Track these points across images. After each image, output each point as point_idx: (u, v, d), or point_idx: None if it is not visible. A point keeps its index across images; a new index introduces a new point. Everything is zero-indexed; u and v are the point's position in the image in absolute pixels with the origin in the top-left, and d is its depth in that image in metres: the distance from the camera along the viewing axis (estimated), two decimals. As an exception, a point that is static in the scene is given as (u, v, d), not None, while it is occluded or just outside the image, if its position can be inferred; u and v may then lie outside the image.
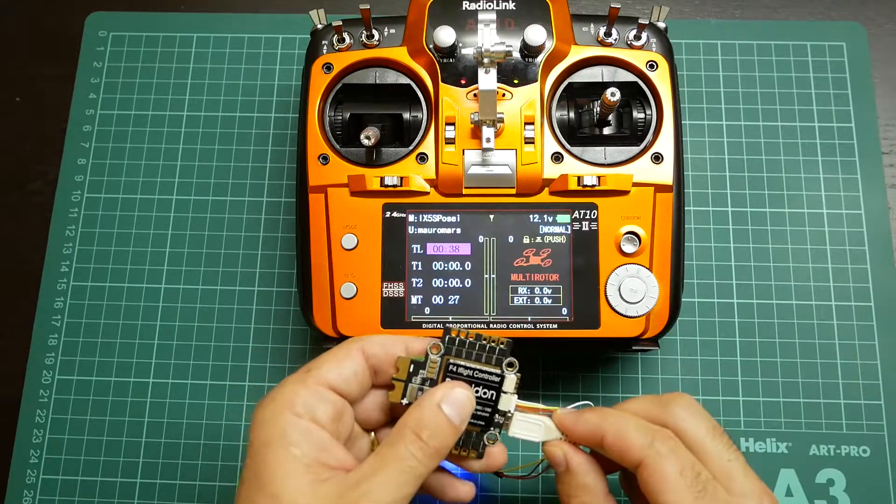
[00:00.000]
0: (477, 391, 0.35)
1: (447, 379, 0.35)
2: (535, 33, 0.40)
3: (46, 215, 0.51)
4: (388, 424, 0.36)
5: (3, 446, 0.47)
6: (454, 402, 0.33)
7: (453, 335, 0.35)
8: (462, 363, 0.35)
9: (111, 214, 0.51)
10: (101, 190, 0.51)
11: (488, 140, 0.39)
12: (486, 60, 0.38)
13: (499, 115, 0.40)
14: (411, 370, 0.35)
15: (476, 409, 0.35)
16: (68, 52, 0.54)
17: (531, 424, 0.36)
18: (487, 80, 0.38)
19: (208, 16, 0.54)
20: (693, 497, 0.31)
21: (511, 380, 0.35)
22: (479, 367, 0.35)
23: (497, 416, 0.35)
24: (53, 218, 0.51)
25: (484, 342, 0.35)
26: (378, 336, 0.36)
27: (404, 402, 0.34)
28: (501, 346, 0.35)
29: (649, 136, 0.42)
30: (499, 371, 0.35)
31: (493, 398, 0.35)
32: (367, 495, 0.30)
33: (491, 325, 0.40)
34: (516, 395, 0.35)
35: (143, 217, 0.50)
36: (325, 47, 0.43)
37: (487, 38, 0.38)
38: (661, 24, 0.43)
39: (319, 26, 0.43)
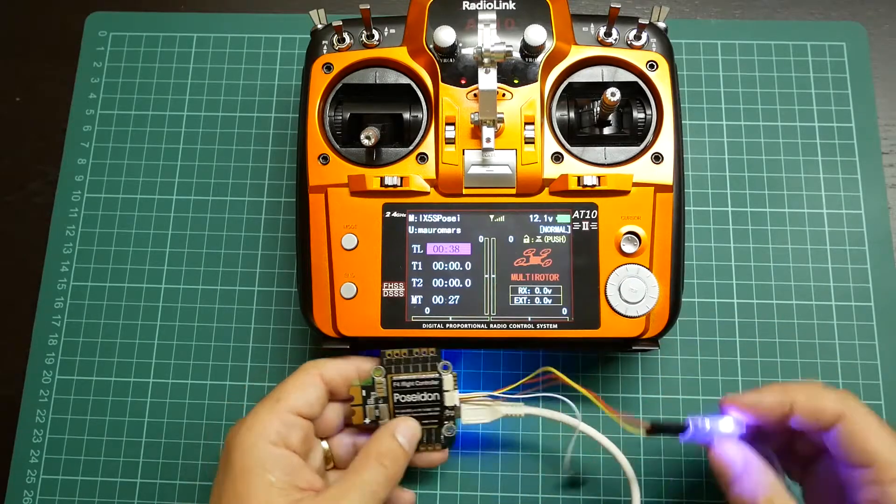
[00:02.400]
0: (423, 396, 0.41)
1: (395, 394, 0.41)
2: (535, 33, 0.40)
3: (46, 215, 0.51)
4: (341, 431, 0.42)
5: (3, 446, 0.47)
6: (405, 431, 0.39)
7: (388, 356, 0.41)
8: (404, 377, 0.41)
9: (111, 214, 0.51)
10: (101, 190, 0.51)
11: (488, 140, 0.39)
12: (486, 60, 0.38)
13: (499, 115, 0.40)
14: (364, 395, 0.41)
15: (427, 411, 0.41)
16: (68, 52, 0.54)
17: (477, 410, 0.41)
18: (487, 80, 0.38)
19: (208, 16, 0.55)
20: (893, 437, 0.34)
21: (448, 379, 0.41)
22: (418, 376, 0.41)
23: (447, 411, 0.41)
24: (53, 218, 0.51)
25: (416, 355, 0.41)
26: (332, 361, 0.40)
27: (367, 421, 0.41)
28: (432, 354, 0.41)
29: (649, 136, 0.42)
30: (436, 374, 0.41)
31: (439, 398, 0.41)
32: None
33: (491, 326, 0.40)
34: (457, 391, 0.41)
35: (143, 217, 0.50)
36: (325, 47, 0.43)
37: (487, 38, 0.38)
38: (662, 24, 0.43)
39: (319, 26, 0.43)
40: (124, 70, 0.53)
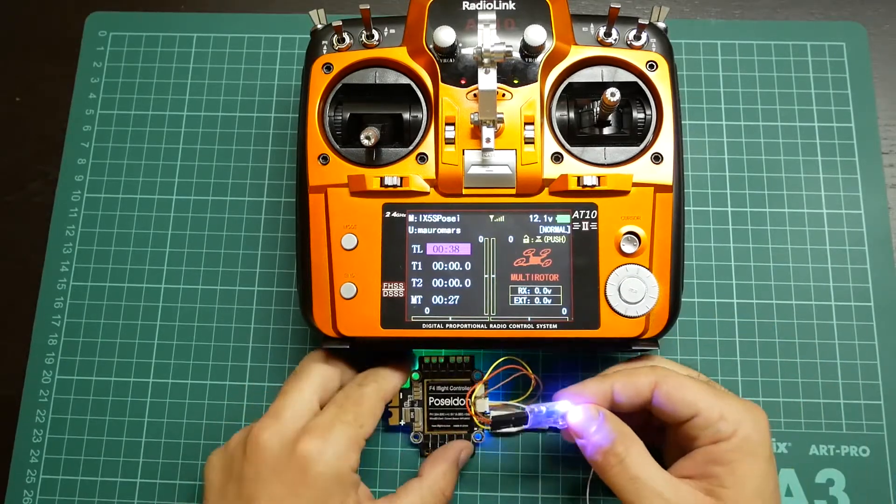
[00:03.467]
0: (456, 402, 0.44)
1: (430, 397, 0.44)
2: (535, 33, 0.40)
3: (46, 215, 0.51)
4: None
5: (3, 446, 0.47)
6: (465, 458, 0.44)
7: (426, 361, 0.45)
8: (439, 381, 0.44)
9: (111, 214, 0.51)
10: (101, 190, 0.51)
11: (488, 140, 0.39)
12: (486, 60, 0.38)
13: (499, 115, 0.40)
14: (401, 397, 0.45)
15: (459, 415, 0.44)
16: (68, 52, 0.54)
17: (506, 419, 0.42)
18: (487, 80, 0.38)
19: (208, 16, 0.55)
20: (706, 384, 0.38)
21: (480, 387, 0.43)
22: (452, 381, 0.44)
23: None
24: (53, 218, 0.51)
25: (452, 361, 0.45)
26: (390, 376, 0.42)
27: (402, 423, 0.44)
28: (466, 361, 0.45)
29: (649, 136, 0.42)
30: (469, 380, 0.44)
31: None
32: None
33: (491, 326, 0.40)
34: (487, 398, 0.42)
35: (143, 217, 0.50)
36: (324, 47, 0.43)
37: (487, 38, 0.38)
38: (662, 25, 0.43)
39: (319, 26, 0.43)
40: (124, 70, 0.53)
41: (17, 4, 0.56)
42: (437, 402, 0.44)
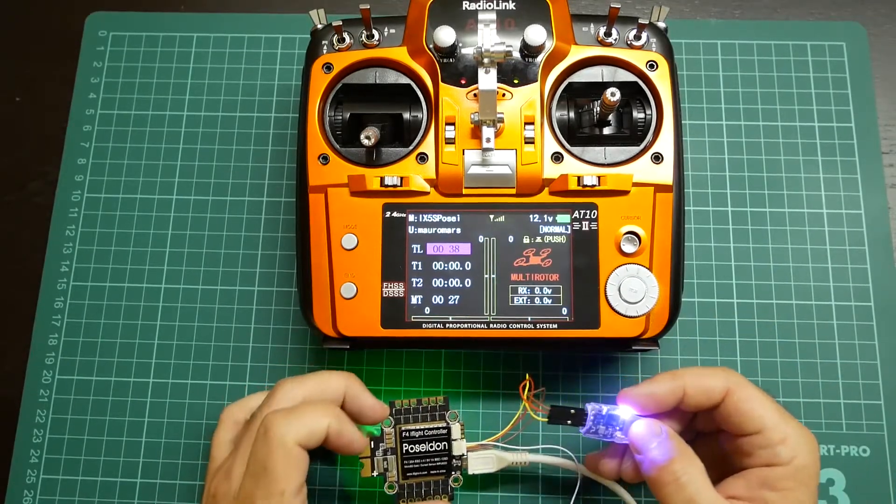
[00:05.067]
0: (432, 446, 0.41)
1: (403, 444, 0.41)
2: (535, 33, 0.40)
3: (46, 215, 0.51)
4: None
5: (3, 446, 0.47)
6: None
7: (398, 406, 0.41)
8: (412, 427, 0.41)
9: (111, 214, 0.51)
10: (101, 190, 0.51)
11: (488, 140, 0.39)
12: (486, 60, 0.38)
13: (499, 115, 0.40)
14: (372, 446, 0.41)
15: (435, 461, 0.41)
16: (68, 52, 0.54)
17: (484, 459, 0.42)
18: (487, 80, 0.38)
19: (208, 16, 0.55)
20: (774, 404, 0.37)
21: (456, 428, 0.41)
22: (427, 426, 0.41)
23: (454, 460, 0.41)
24: (53, 218, 0.51)
25: (425, 404, 0.42)
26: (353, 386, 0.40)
27: (374, 474, 0.41)
28: (440, 402, 0.42)
29: (649, 136, 0.42)
30: (444, 424, 0.41)
31: (447, 447, 0.41)
32: None
33: (491, 326, 0.40)
34: (464, 440, 0.41)
35: (143, 217, 0.50)
36: (325, 47, 0.43)
37: (487, 38, 0.38)
38: (662, 25, 0.43)
39: (319, 26, 0.43)
40: (124, 70, 0.53)
41: (17, 4, 0.56)
42: (411, 448, 0.41)
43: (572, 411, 0.39)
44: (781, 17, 0.54)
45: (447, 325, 0.40)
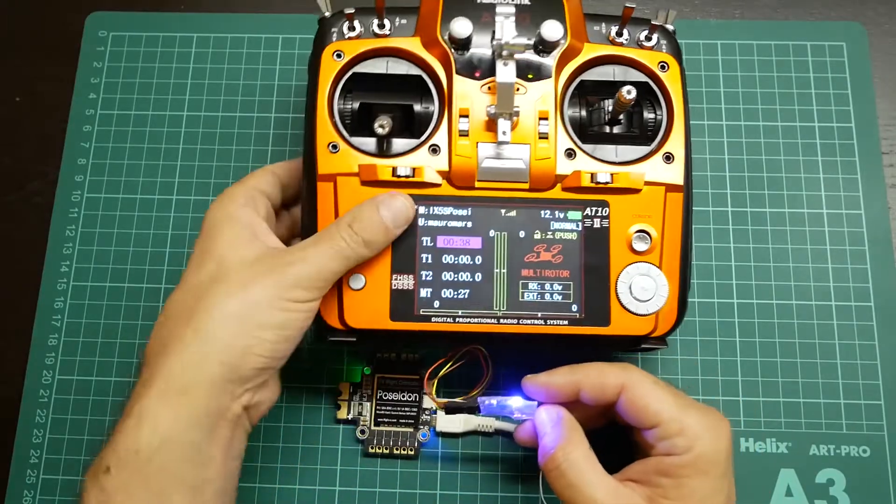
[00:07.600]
0: (404, 395, 0.45)
1: (378, 391, 0.45)
2: (552, 28, 0.40)
3: (46, 215, 0.51)
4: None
5: (3, 446, 0.47)
6: (391, 206, 0.38)
7: (379, 356, 0.46)
8: (389, 376, 0.45)
9: (111, 214, 0.51)
10: (101, 190, 0.51)
11: (504, 133, 0.39)
12: (504, 53, 0.38)
13: (516, 108, 0.39)
14: (351, 391, 0.46)
15: (406, 410, 0.45)
16: (68, 52, 0.54)
17: (451, 418, 0.45)
18: (506, 72, 0.38)
19: (208, 16, 0.54)
20: (672, 396, 0.38)
21: (428, 384, 0.44)
22: (402, 376, 0.45)
23: (423, 414, 0.45)
24: (53, 218, 0.51)
25: (402, 357, 0.46)
26: (280, 163, 0.43)
27: (349, 416, 0.45)
28: (416, 357, 0.46)
29: (660, 136, 0.42)
30: (417, 377, 0.45)
31: (417, 399, 0.45)
32: (301, 260, 0.36)
33: (501, 321, 0.40)
34: (434, 396, 0.44)
35: (143, 217, 0.50)
36: (334, 35, 0.42)
37: (507, 30, 0.38)
38: (670, 27, 0.43)
39: (327, 14, 0.42)
40: (124, 70, 0.53)
41: (17, 4, 0.56)
42: (385, 395, 0.45)
43: (465, 403, 0.43)
44: (781, 17, 0.54)
45: (457, 320, 0.40)
